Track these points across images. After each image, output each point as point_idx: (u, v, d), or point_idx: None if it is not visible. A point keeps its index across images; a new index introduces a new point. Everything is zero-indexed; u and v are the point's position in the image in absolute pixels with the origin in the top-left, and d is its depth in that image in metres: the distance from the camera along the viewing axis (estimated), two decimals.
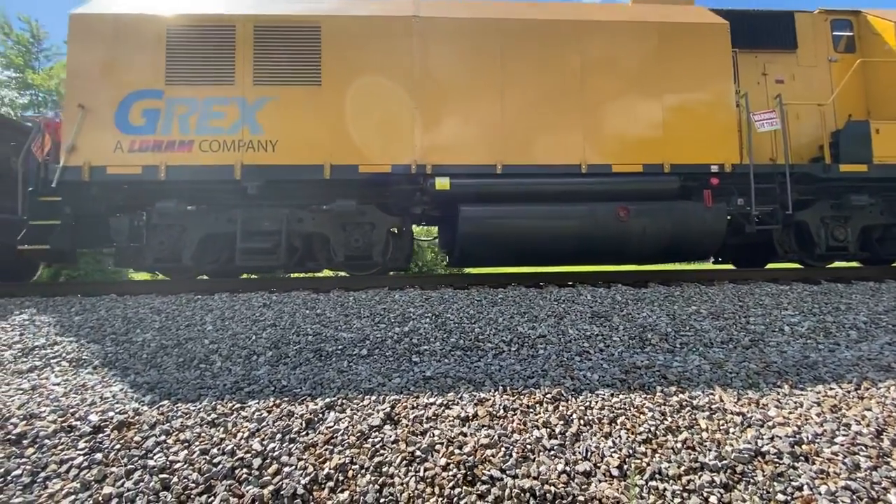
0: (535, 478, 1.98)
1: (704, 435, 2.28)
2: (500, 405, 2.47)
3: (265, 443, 2.16)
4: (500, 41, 5.60)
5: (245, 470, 2.01)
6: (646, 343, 3.54)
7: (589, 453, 2.14)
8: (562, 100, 5.63)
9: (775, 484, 1.98)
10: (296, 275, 6.39)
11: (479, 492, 1.91)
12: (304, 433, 2.24)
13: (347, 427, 2.27)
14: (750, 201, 5.65)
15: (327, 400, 2.50)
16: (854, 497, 1.90)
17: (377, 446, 2.15)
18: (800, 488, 1.95)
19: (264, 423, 2.30)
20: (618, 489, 1.95)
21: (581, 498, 1.90)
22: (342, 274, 6.64)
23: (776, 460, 2.10)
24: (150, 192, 5.41)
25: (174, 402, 2.53)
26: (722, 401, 2.57)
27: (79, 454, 2.11)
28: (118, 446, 2.16)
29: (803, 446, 2.18)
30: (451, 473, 1.99)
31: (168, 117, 5.25)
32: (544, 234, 5.51)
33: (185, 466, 2.02)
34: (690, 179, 5.72)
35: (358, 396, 2.57)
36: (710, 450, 2.17)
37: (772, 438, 2.22)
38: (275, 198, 5.53)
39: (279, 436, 2.21)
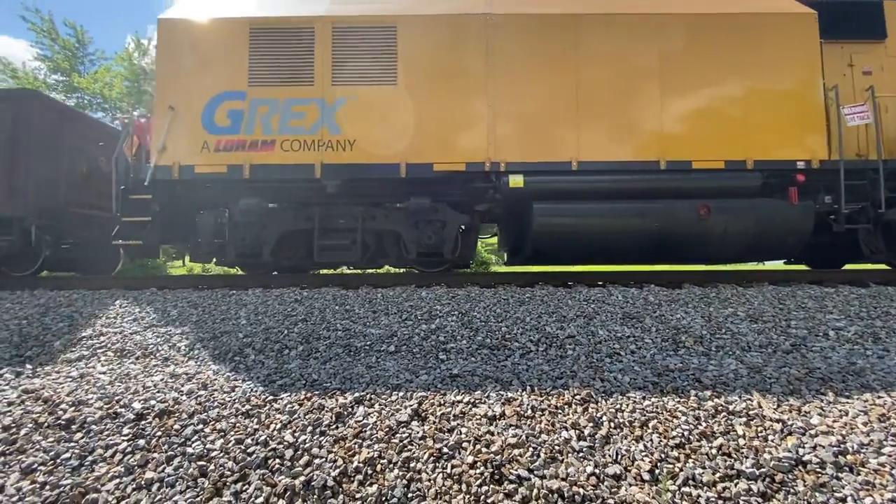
0: (563, 479, 1.96)
1: (741, 441, 2.20)
2: (527, 405, 2.45)
3: (297, 435, 2.22)
4: (574, 36, 5.53)
5: (278, 460, 2.07)
6: (679, 346, 3.44)
7: (619, 456, 2.10)
8: (639, 94, 5.50)
9: (817, 494, 1.90)
10: (325, 271, 6.53)
11: (506, 491, 1.90)
12: (334, 427, 2.29)
13: (376, 422, 2.31)
14: (838, 198, 5.38)
15: (356, 395, 2.54)
16: None
17: (405, 442, 2.17)
18: (843, 500, 1.86)
19: (296, 416, 2.37)
20: (649, 493, 1.91)
21: (611, 501, 1.87)
22: (370, 270, 6.73)
23: (818, 470, 2.00)
24: (231, 191, 5.63)
25: (210, 393, 2.63)
26: (760, 407, 2.47)
27: (123, 440, 2.22)
28: (159, 433, 2.26)
29: (848, 456, 2.07)
30: (478, 471, 1.99)
31: (251, 118, 5.42)
32: (621, 232, 5.44)
33: (221, 455, 2.10)
34: (774, 176, 5.51)
35: (386, 392, 2.60)
36: (747, 457, 2.10)
37: (814, 447, 2.13)
38: (350, 196, 5.68)
39: (310, 428, 2.26)
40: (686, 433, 2.24)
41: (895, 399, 2.55)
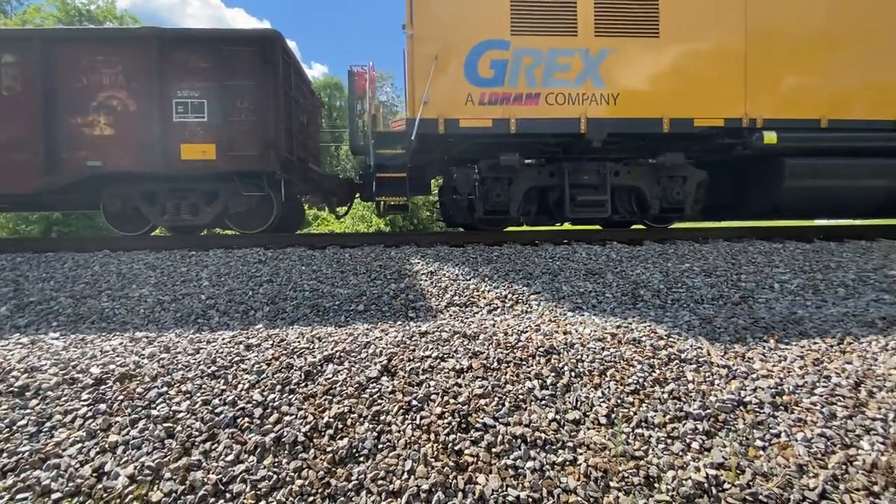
0: (526, 425, 2.07)
1: (690, 386, 2.36)
2: (494, 358, 2.53)
3: (265, 394, 2.22)
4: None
5: (247, 419, 2.07)
6: (638, 299, 3.60)
7: (579, 403, 2.22)
8: (885, 51, 5.55)
9: (755, 431, 2.08)
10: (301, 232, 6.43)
11: (472, 438, 1.99)
12: (304, 384, 2.30)
13: (346, 379, 2.33)
14: None
15: (325, 353, 2.55)
16: (828, 443, 2.01)
17: (375, 396, 2.21)
18: (777, 435, 2.05)
19: (264, 375, 2.36)
20: (605, 436, 2.04)
21: (570, 444, 1.99)
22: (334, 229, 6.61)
23: (757, 410, 2.19)
24: (483, 146, 5.48)
25: (174, 356, 2.57)
26: (709, 354, 2.65)
27: (83, 405, 2.16)
28: (121, 397, 2.21)
29: (784, 397, 2.27)
30: (446, 421, 2.07)
31: (515, 69, 5.22)
32: (860, 188, 5.68)
33: (188, 416, 2.09)
34: None
35: (355, 349, 2.62)
36: (694, 400, 2.26)
37: (755, 390, 2.31)
38: (602, 151, 5.56)
39: (279, 387, 2.27)
40: (641, 380, 2.38)
41: (829, 345, 2.79)
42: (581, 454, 1.95)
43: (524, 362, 2.52)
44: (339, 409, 2.13)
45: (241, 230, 5.99)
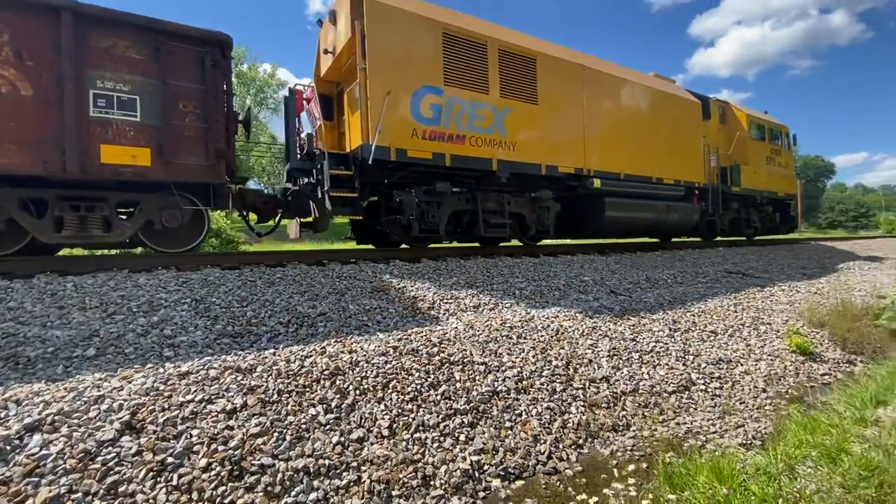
0: (309, 455, 1.98)
1: (458, 385, 2.70)
2: (273, 390, 2.35)
3: None
4: (618, 99, 8.38)
5: None
6: (417, 312, 3.92)
7: (363, 420, 2.26)
8: (646, 136, 8.78)
9: (504, 415, 2.51)
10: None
11: (247, 484, 1.79)
12: None
13: (64, 449, 1.78)
14: (708, 204, 10.21)
15: (28, 420, 1.89)
16: (552, 413, 2.58)
17: (111, 464, 1.76)
18: (519, 415, 2.53)
19: None
20: (387, 447, 2.13)
21: (354, 464, 2.00)
22: (84, 251, 5.13)
23: (506, 396, 2.66)
24: (420, 174, 6.24)
25: None
26: (471, 354, 3.08)
27: None
28: None
29: (523, 382, 2.82)
30: (213, 473, 1.80)
31: (448, 113, 6.15)
32: (640, 217, 8.73)
33: None
34: (686, 190, 9.60)
35: (81, 408, 2.03)
36: (461, 397, 2.59)
37: (504, 380, 2.80)
38: (499, 185, 6.87)
39: None
40: (419, 386, 2.59)
41: (550, 335, 3.60)
42: (365, 471, 1.98)
43: (308, 389, 2.42)
44: (51, 492, 1.61)
45: (161, 249, 5.22)
